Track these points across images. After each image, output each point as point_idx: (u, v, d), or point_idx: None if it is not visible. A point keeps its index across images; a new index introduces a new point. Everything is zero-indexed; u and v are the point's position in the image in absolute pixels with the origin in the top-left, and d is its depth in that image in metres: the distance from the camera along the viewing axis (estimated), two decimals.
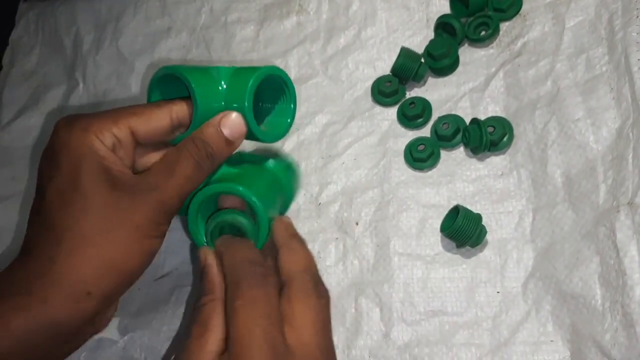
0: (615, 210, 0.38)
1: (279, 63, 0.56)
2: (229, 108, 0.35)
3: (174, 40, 0.62)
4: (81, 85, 0.64)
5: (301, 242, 0.36)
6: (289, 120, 0.39)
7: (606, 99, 0.42)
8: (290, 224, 0.37)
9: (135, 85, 0.62)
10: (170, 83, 0.35)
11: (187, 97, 0.35)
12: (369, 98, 0.51)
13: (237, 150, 0.36)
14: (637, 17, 0.42)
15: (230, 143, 0.34)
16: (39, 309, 0.29)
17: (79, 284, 0.29)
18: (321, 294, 0.32)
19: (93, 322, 0.32)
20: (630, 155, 0.39)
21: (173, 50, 0.62)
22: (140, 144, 0.34)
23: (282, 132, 0.39)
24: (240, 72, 0.35)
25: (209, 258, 0.33)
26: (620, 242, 0.37)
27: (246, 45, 0.58)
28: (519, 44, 0.47)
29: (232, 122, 0.34)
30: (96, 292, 0.30)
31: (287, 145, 0.52)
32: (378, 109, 0.51)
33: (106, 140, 0.31)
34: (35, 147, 0.64)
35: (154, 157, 0.35)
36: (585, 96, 0.43)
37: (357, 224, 0.47)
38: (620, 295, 0.36)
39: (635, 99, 0.40)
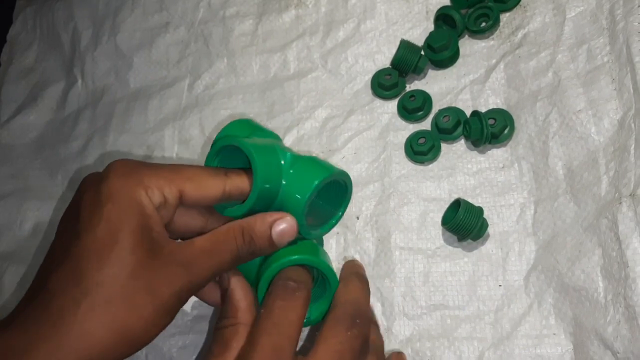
0: (618, 202, 0.38)
1: (278, 57, 0.56)
2: (285, 198, 0.34)
3: (172, 35, 0.62)
4: (80, 81, 0.64)
5: (360, 278, 0.36)
6: (333, 222, 0.38)
7: (608, 90, 0.42)
8: (355, 264, 0.39)
9: (133, 81, 0.62)
10: (233, 149, 0.35)
11: (246, 168, 0.34)
12: (369, 91, 0.51)
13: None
14: (639, 6, 0.41)
15: (273, 246, 0.34)
16: None
17: (84, 351, 0.28)
18: (353, 325, 0.32)
19: None
20: (633, 147, 0.39)
21: (171, 45, 0.61)
22: (184, 205, 0.34)
23: (324, 231, 0.38)
24: (306, 165, 0.35)
25: (233, 281, 0.34)
26: (623, 234, 0.37)
27: (245, 40, 0.58)
28: (520, 35, 0.47)
29: (285, 228, 0.33)
30: (99, 359, 0.28)
31: (287, 140, 0.52)
32: (378, 102, 0.50)
33: (154, 198, 0.31)
34: (36, 144, 0.64)
35: (192, 218, 0.35)
36: (586, 87, 0.42)
37: (357, 218, 0.47)
38: (622, 287, 0.36)
39: (637, 89, 0.40)
